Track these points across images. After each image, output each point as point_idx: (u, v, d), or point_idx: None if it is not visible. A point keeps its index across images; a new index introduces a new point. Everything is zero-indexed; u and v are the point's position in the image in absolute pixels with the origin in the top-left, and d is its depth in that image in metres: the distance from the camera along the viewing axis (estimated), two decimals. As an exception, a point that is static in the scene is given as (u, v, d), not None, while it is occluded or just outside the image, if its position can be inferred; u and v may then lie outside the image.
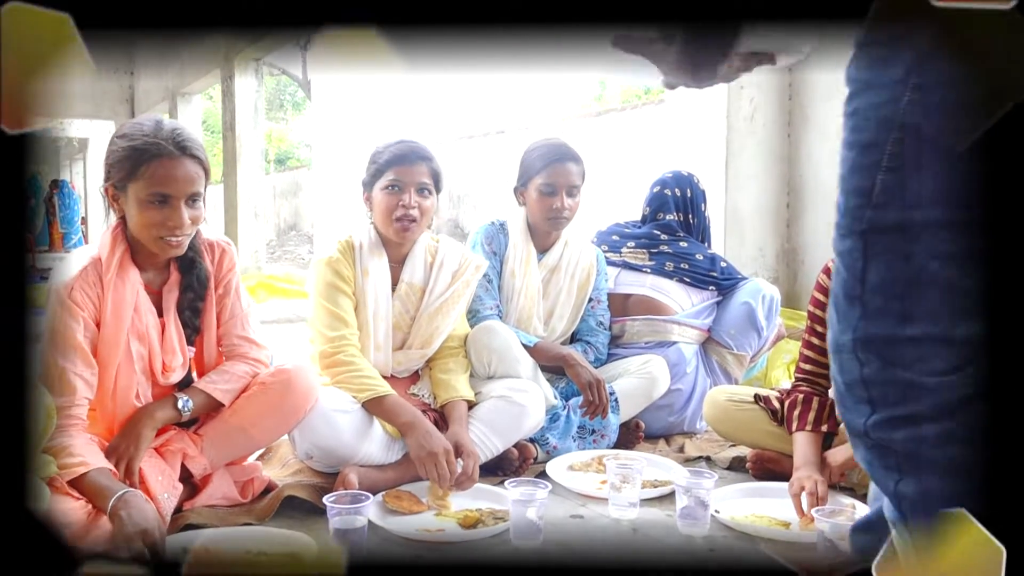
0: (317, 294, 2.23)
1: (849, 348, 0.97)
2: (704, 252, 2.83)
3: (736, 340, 2.76)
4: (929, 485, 0.93)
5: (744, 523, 1.93)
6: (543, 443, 2.42)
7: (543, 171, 2.56)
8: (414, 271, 2.33)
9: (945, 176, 0.90)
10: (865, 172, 0.95)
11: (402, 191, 2.20)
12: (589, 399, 2.40)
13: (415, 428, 2.02)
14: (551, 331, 2.67)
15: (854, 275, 0.96)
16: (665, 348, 2.73)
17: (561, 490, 2.19)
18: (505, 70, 8.73)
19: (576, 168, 2.58)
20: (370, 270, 2.26)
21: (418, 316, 2.32)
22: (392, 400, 2.09)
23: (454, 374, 2.31)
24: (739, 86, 3.38)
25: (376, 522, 1.88)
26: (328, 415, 2.05)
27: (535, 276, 2.64)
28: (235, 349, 2.03)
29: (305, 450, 2.11)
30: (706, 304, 2.80)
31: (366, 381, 2.11)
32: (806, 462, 2.07)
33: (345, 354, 2.14)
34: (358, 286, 2.25)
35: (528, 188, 2.60)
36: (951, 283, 0.90)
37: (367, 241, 2.29)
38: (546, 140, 2.65)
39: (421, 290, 2.33)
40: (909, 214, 0.91)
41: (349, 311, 2.21)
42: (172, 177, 1.77)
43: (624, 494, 2.01)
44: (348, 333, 2.18)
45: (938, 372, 0.92)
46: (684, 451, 2.57)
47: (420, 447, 1.99)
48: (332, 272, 2.22)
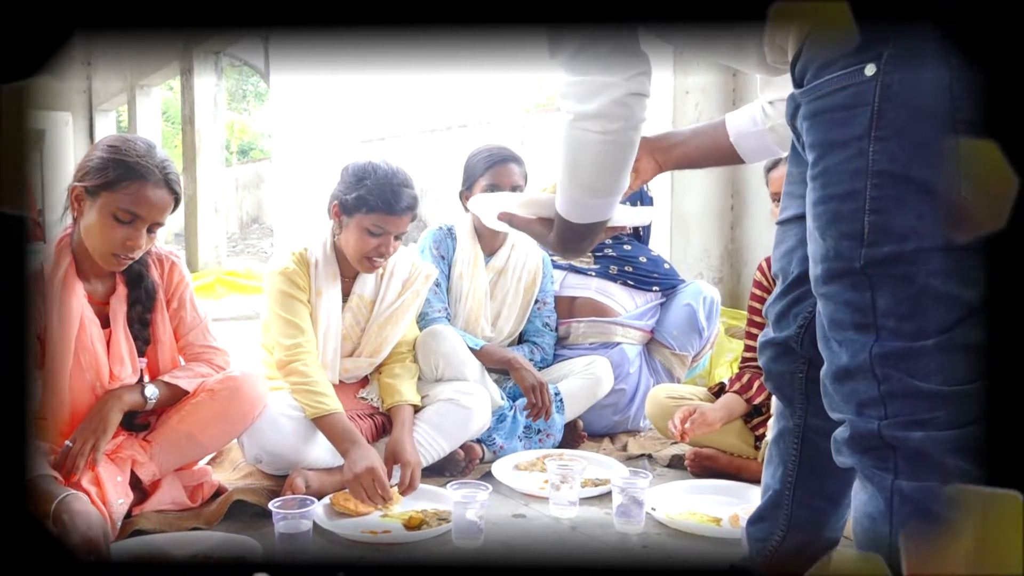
0: (273, 303, 2.25)
1: (866, 368, 1.07)
2: (647, 255, 2.91)
3: (678, 340, 2.85)
4: (930, 486, 1.04)
5: (678, 520, 2.01)
6: (490, 443, 2.49)
7: (486, 173, 2.61)
8: (365, 284, 2.37)
9: (924, 206, 1.01)
10: (850, 218, 1.06)
11: (383, 237, 2.22)
12: (532, 401, 2.48)
13: (350, 452, 2.07)
14: (499, 332, 2.74)
15: (861, 306, 1.07)
16: (609, 349, 2.81)
17: (505, 490, 2.26)
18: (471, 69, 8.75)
19: (518, 168, 2.64)
20: (324, 290, 2.29)
21: (368, 326, 2.37)
22: (335, 420, 2.10)
23: (401, 379, 2.36)
24: (684, 91, 3.46)
25: (322, 524, 1.94)
26: (276, 420, 2.10)
27: (483, 279, 2.70)
28: (199, 357, 2.11)
29: (254, 454, 2.15)
30: (649, 306, 2.89)
31: (316, 397, 2.12)
32: (722, 405, 2.32)
33: (302, 363, 2.17)
34: (312, 303, 2.28)
35: (473, 191, 2.65)
36: (953, 296, 1.01)
37: (322, 258, 2.30)
38: (487, 145, 2.72)
39: (371, 302, 2.38)
40: (901, 245, 1.03)
41: (305, 319, 2.24)
42: (149, 201, 1.82)
43: (564, 493, 2.08)
44: (304, 341, 2.20)
45: (956, 381, 1.03)
46: (627, 449, 2.65)
47: (348, 469, 2.04)
48: (288, 282, 2.24)
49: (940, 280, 1.02)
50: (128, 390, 1.95)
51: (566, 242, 1.41)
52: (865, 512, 1.11)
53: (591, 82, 1.22)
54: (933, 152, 1.01)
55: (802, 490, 1.44)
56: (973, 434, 1.03)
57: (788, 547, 1.46)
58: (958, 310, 1.02)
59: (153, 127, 10.49)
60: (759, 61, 1.33)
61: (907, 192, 1.02)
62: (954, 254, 1.02)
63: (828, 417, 1.18)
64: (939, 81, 1.01)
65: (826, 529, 1.43)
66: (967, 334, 1.02)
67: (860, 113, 1.04)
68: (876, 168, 1.04)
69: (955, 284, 1.02)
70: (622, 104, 1.22)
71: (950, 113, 1.00)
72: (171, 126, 16.19)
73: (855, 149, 1.05)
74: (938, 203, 1.01)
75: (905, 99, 1.02)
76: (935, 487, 1.03)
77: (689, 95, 3.49)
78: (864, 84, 1.04)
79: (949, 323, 1.02)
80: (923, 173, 1.02)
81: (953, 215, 1.01)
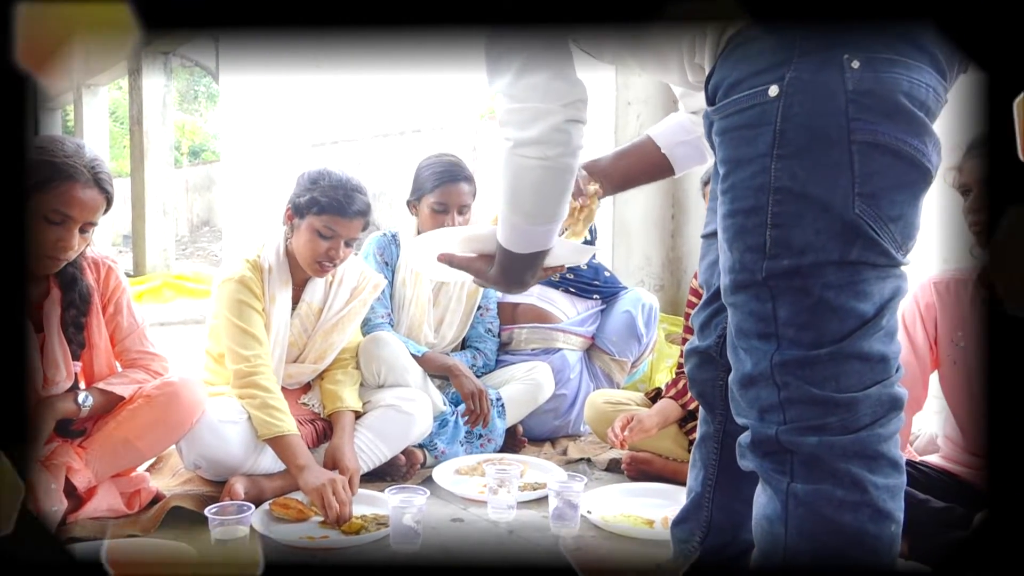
0: (227, 312, 2.21)
1: (767, 375, 1.13)
2: (589, 263, 2.97)
3: (618, 347, 2.91)
4: (822, 489, 1.10)
5: (612, 522, 2.06)
6: (431, 448, 2.52)
7: (436, 190, 2.62)
8: (315, 292, 2.38)
9: (820, 222, 1.08)
10: (753, 232, 1.13)
11: (334, 240, 2.22)
12: (471, 408, 2.52)
13: (304, 470, 2.07)
14: (441, 338, 2.77)
15: (763, 316, 1.13)
16: (551, 355, 2.86)
17: (445, 494, 2.29)
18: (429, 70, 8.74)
19: (468, 188, 2.66)
20: (276, 297, 2.29)
21: (314, 333, 2.39)
22: (290, 440, 2.11)
23: (343, 385, 2.38)
24: (626, 102, 3.53)
25: (260, 530, 1.94)
26: (215, 427, 2.10)
27: (426, 286, 2.73)
28: (135, 363, 2.09)
29: (192, 461, 2.14)
30: (590, 312, 2.94)
31: (275, 415, 2.11)
32: (657, 411, 2.40)
33: (263, 377, 2.16)
34: (265, 310, 2.28)
35: (421, 203, 2.67)
36: (847, 308, 1.08)
37: (275, 263, 2.30)
38: (440, 157, 2.72)
39: (319, 309, 2.39)
40: (799, 259, 1.09)
41: (260, 329, 2.23)
42: (79, 202, 1.79)
43: (502, 497, 2.12)
44: (262, 352, 2.20)
45: (848, 388, 1.09)
46: (567, 453, 2.70)
47: (307, 484, 2.05)
48: (244, 289, 2.22)
49: (834, 292, 1.08)
50: (61, 398, 1.93)
51: (508, 275, 1.40)
52: (764, 514, 1.17)
53: (530, 109, 1.25)
54: (829, 171, 1.08)
55: (721, 493, 1.50)
56: (864, 440, 1.09)
57: (708, 548, 1.52)
58: (851, 321, 1.09)
59: (100, 127, 10.29)
60: (682, 78, 1.38)
61: (805, 208, 1.09)
62: (848, 268, 1.08)
63: None
64: (836, 103, 1.07)
65: (743, 531, 1.48)
66: (859, 344, 1.09)
67: (763, 132, 1.10)
68: (777, 185, 1.10)
69: (848, 296, 1.08)
70: (560, 130, 1.25)
71: (846, 134, 1.07)
72: (119, 126, 15.89)
73: (759, 166, 1.11)
74: (833, 219, 1.08)
75: (804, 120, 1.08)
76: (828, 490, 1.10)
77: (631, 106, 3.57)
78: (768, 104, 1.10)
79: (842, 333, 1.08)
80: (819, 191, 1.08)
81: (847, 231, 1.08)
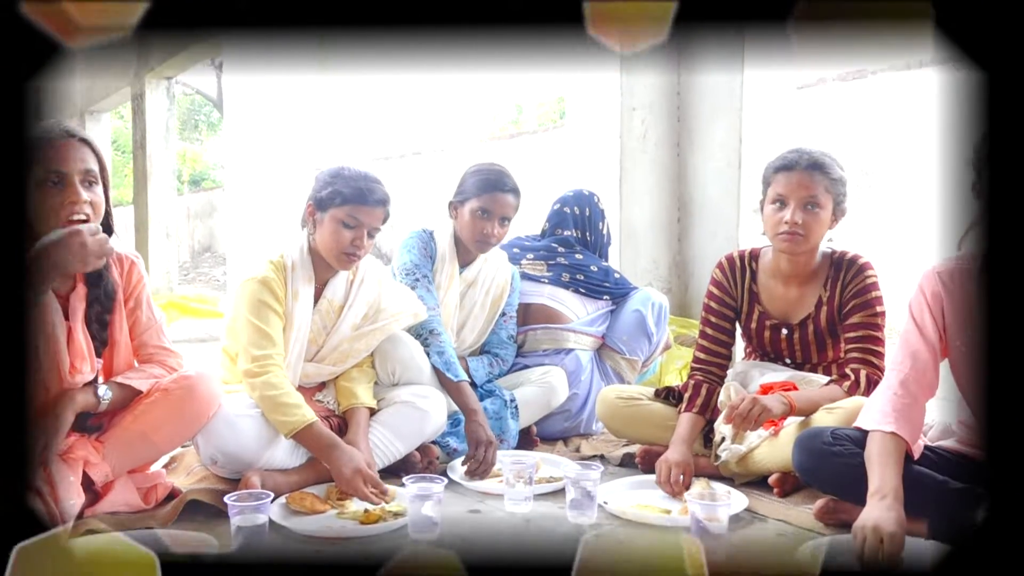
0: (247, 311, 2.21)
1: None
2: (598, 264, 3.00)
3: (628, 346, 2.92)
4: None
5: (629, 512, 2.06)
6: (444, 447, 2.52)
7: (482, 196, 2.63)
8: (336, 289, 2.39)
9: None
10: None
11: (358, 229, 2.24)
12: (473, 455, 2.38)
13: (333, 457, 2.08)
14: (461, 342, 2.78)
15: None
16: (563, 355, 2.87)
17: (461, 489, 2.29)
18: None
19: (514, 200, 2.67)
20: (300, 293, 2.30)
21: (334, 331, 2.38)
22: (313, 429, 2.10)
23: (357, 382, 2.39)
24: (631, 108, 3.58)
25: (278, 521, 1.95)
26: (231, 420, 2.10)
27: (456, 289, 2.74)
28: (152, 358, 2.10)
29: (209, 455, 2.14)
30: (600, 312, 2.96)
31: (290, 409, 2.10)
32: (681, 439, 2.29)
33: (272, 375, 2.14)
34: (288, 308, 2.28)
35: (463, 206, 2.68)
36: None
37: (299, 260, 2.31)
38: (491, 165, 2.73)
39: (340, 307, 2.40)
40: None
41: (278, 331, 2.23)
42: (64, 156, 1.81)
43: (519, 489, 2.13)
44: (275, 353, 2.19)
45: None
46: (580, 451, 2.71)
47: (338, 475, 2.06)
48: (266, 290, 2.22)
49: None
50: (81, 391, 1.93)
51: None
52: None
53: None
54: None
55: None
56: None
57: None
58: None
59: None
60: None
61: None
62: None
63: None
64: None
65: None
66: None
67: None
68: None
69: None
70: None
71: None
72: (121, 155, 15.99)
73: None
74: None
75: None
76: None
77: (636, 112, 3.61)
78: None
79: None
80: None
81: None
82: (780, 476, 2.21)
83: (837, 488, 1.97)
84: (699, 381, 2.41)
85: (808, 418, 2.18)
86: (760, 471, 2.26)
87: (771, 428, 2.22)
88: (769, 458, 2.22)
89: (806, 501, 2.13)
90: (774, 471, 2.22)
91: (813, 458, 1.97)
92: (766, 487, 2.24)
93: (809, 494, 2.16)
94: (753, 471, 2.27)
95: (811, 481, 2.06)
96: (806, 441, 1.99)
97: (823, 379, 2.32)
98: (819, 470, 1.97)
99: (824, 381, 2.30)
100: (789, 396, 2.18)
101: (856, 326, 2.29)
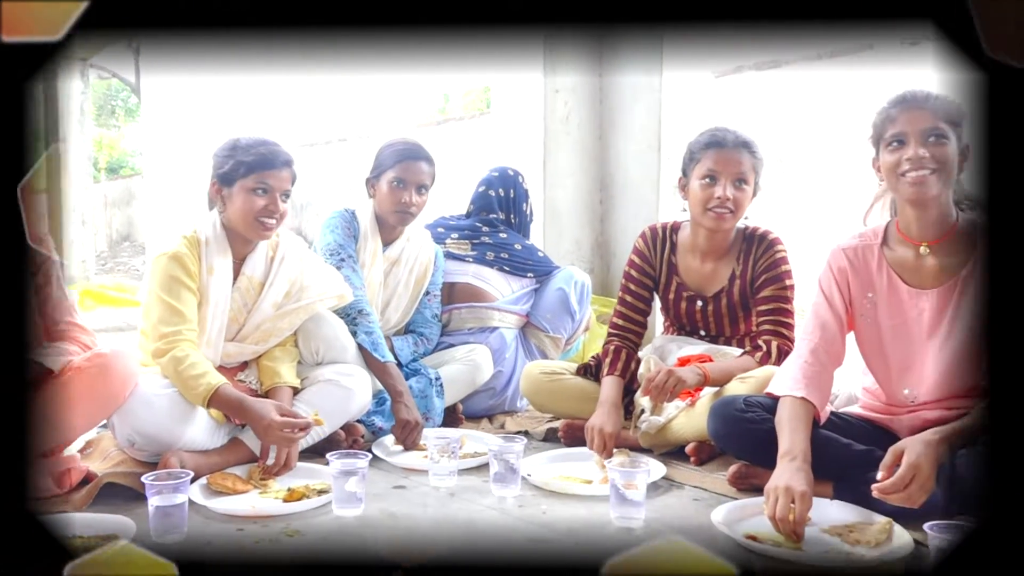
0: (158, 287, 2.18)
1: None
2: (523, 242, 3.04)
3: (552, 324, 2.97)
4: None
5: (552, 483, 2.10)
6: (370, 426, 2.52)
7: (396, 166, 2.65)
8: (255, 265, 2.36)
9: None
10: None
11: (270, 194, 2.22)
12: (399, 433, 2.43)
13: (248, 413, 2.09)
14: (385, 321, 2.77)
15: None
16: (487, 333, 2.90)
17: (386, 466, 2.30)
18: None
19: (428, 168, 2.69)
20: (215, 267, 2.26)
21: (256, 309, 2.35)
22: (223, 392, 2.09)
23: (280, 361, 2.37)
24: (555, 89, 3.63)
25: (199, 502, 1.92)
26: (148, 399, 2.06)
27: (379, 268, 2.74)
28: (64, 335, 2.04)
29: (126, 436, 2.08)
30: (524, 291, 3.00)
31: (197, 379, 2.09)
32: (606, 401, 2.34)
33: (179, 349, 2.12)
34: (202, 283, 2.24)
35: (380, 181, 2.69)
36: None
37: (212, 236, 2.27)
38: (403, 138, 2.76)
39: (261, 284, 2.36)
40: None
41: (191, 307, 2.20)
42: None
43: (443, 464, 2.15)
44: (185, 329, 2.16)
45: None
46: (505, 428, 2.74)
47: (259, 430, 2.09)
48: (177, 266, 2.19)
49: None
50: None
51: None
52: None
53: None
54: None
55: None
56: None
57: None
58: None
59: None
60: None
61: None
62: None
63: None
64: None
65: None
66: None
67: None
68: None
69: None
70: None
71: None
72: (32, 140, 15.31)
73: None
74: None
75: None
76: None
77: (559, 93, 3.66)
78: None
79: None
80: None
81: None
82: (696, 445, 2.29)
83: (749, 453, 2.05)
84: (617, 346, 2.47)
85: (722, 388, 2.25)
86: (678, 441, 2.32)
87: (688, 399, 2.30)
88: (686, 428, 2.29)
89: (720, 468, 2.21)
90: (691, 440, 2.29)
91: (727, 424, 2.04)
92: (684, 456, 2.31)
93: (724, 462, 2.24)
94: (672, 441, 2.34)
95: (725, 447, 2.14)
96: (720, 408, 2.07)
97: (737, 351, 2.40)
98: (732, 436, 2.04)
99: (738, 353, 2.38)
100: (704, 367, 2.25)
101: (767, 299, 2.38)
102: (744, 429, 2.00)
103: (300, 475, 2.13)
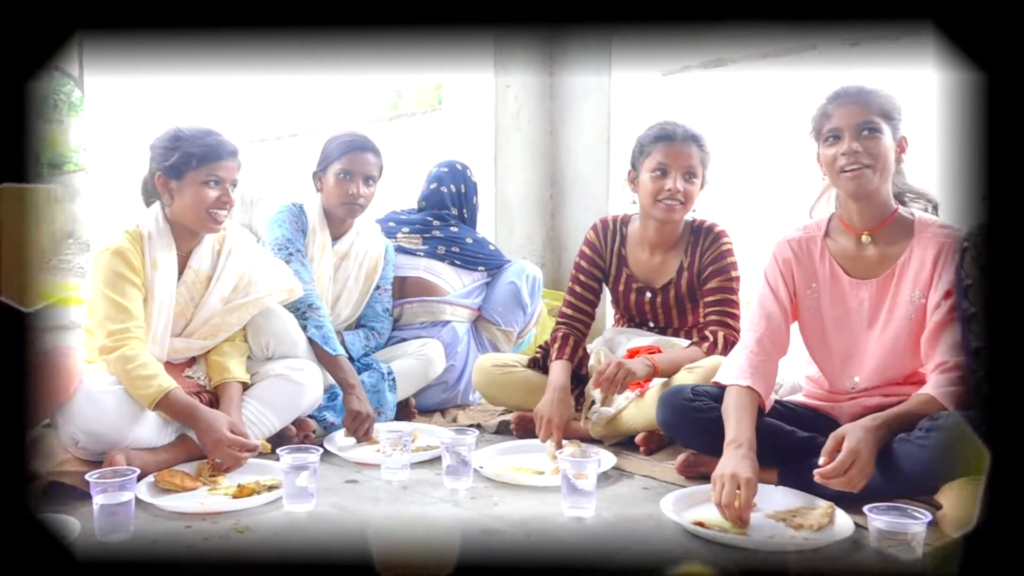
0: (102, 284, 2.13)
1: None
2: (474, 236, 3.05)
3: (504, 317, 2.99)
4: None
5: (504, 474, 2.12)
6: (321, 421, 2.51)
7: (342, 158, 2.64)
8: (202, 259, 2.32)
9: None
10: None
11: (221, 186, 2.20)
12: (351, 424, 2.42)
13: (198, 424, 2.07)
14: (336, 315, 2.76)
15: None
16: (439, 327, 2.91)
17: (338, 460, 2.29)
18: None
19: (374, 159, 2.68)
20: (160, 262, 2.22)
21: (203, 304, 2.32)
22: (174, 397, 2.07)
23: (229, 356, 2.34)
24: (506, 85, 3.64)
25: (146, 500, 1.90)
26: (94, 397, 2.03)
27: (328, 262, 2.72)
28: None
29: (70, 435, 2.04)
30: (476, 284, 3.01)
31: (148, 381, 2.06)
32: (556, 383, 2.37)
33: (128, 347, 2.08)
34: (147, 278, 2.20)
35: (327, 173, 2.68)
36: None
37: (156, 230, 2.23)
38: (349, 131, 2.74)
39: (208, 278, 2.33)
40: None
41: (136, 302, 2.16)
42: None
43: (396, 458, 2.15)
44: (133, 326, 2.12)
45: None
46: (457, 421, 2.75)
47: (206, 443, 2.07)
48: (121, 261, 2.15)
49: None
50: None
51: None
52: None
53: None
54: None
55: None
56: None
57: None
58: None
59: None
60: None
61: None
62: None
63: None
64: None
65: None
66: None
67: None
68: None
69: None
70: None
71: None
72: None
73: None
74: None
75: None
76: None
77: (510, 89, 3.67)
78: None
79: None
80: None
81: None
82: (646, 435, 2.32)
83: (697, 441, 2.09)
84: (565, 333, 2.51)
85: (671, 379, 2.29)
86: (628, 431, 2.36)
87: (637, 390, 2.33)
88: (636, 418, 2.32)
89: (669, 457, 2.25)
90: (641, 431, 2.33)
91: (675, 414, 2.08)
92: (634, 446, 2.34)
93: (672, 451, 2.28)
94: (622, 432, 2.37)
95: (673, 435, 2.18)
96: (668, 398, 2.10)
97: (685, 342, 2.44)
98: (680, 425, 2.08)
99: (686, 344, 2.42)
100: (652, 358, 2.29)
101: (713, 291, 2.43)
102: (692, 418, 2.03)
103: (250, 471, 2.11)
